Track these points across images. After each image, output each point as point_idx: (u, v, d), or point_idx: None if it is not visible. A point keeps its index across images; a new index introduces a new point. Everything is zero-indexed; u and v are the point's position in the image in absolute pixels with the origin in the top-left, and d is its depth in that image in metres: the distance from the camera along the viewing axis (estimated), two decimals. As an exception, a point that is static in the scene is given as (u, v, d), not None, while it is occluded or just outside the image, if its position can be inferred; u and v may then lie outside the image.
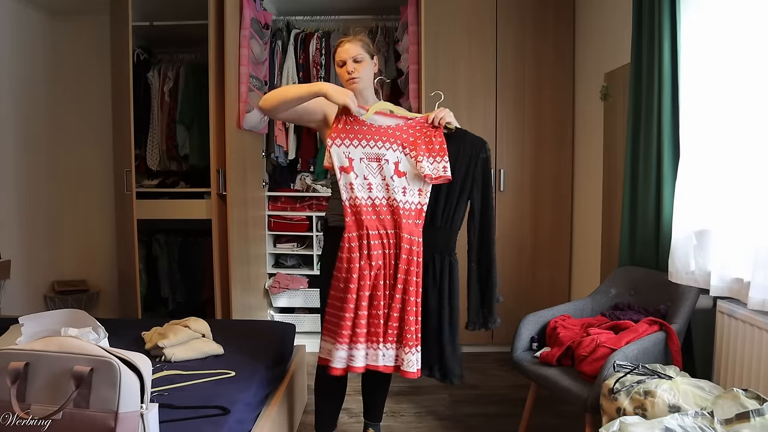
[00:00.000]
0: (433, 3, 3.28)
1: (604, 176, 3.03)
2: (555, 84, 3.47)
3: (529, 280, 3.54)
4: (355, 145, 1.87)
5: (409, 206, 1.90)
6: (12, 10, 3.45)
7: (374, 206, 1.88)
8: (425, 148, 1.89)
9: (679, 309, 2.07)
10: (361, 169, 1.88)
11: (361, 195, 1.87)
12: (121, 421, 1.26)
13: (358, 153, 1.87)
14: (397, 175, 1.89)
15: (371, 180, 1.88)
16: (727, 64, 1.98)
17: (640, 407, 1.62)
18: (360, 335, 1.84)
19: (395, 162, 1.89)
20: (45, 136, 3.76)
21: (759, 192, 1.85)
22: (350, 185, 1.87)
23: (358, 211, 1.86)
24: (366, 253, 1.85)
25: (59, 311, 2.03)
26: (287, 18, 3.80)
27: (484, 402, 2.82)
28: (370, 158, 1.88)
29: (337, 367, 1.84)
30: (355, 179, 1.87)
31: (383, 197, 1.89)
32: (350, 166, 1.87)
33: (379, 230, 1.88)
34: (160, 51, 3.79)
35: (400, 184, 1.89)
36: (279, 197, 3.84)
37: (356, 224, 1.87)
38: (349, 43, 1.99)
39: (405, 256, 1.87)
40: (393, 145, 1.90)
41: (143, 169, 3.68)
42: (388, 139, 1.90)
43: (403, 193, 1.89)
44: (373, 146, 1.88)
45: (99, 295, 3.94)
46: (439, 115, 1.92)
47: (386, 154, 1.89)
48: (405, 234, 1.87)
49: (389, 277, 1.88)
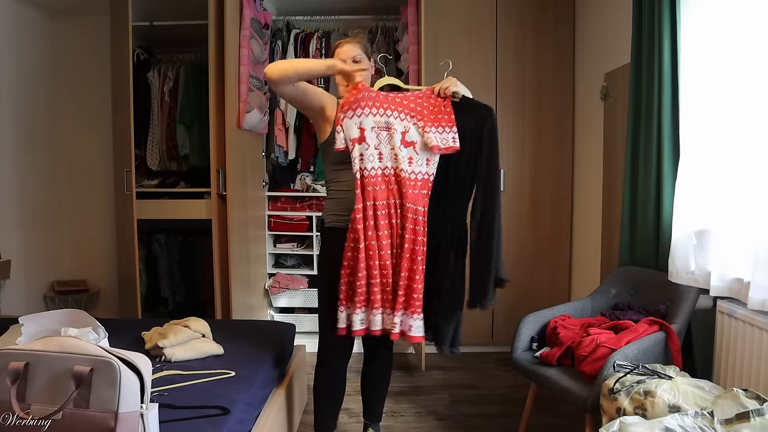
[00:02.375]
0: (433, 3, 3.28)
1: (604, 176, 3.03)
2: (555, 84, 3.47)
3: (529, 280, 3.54)
4: (366, 113, 1.88)
5: (415, 176, 1.90)
6: (11, 10, 3.45)
7: (384, 176, 1.89)
8: (433, 119, 1.91)
9: (679, 309, 2.07)
10: (372, 138, 1.88)
11: (371, 165, 1.88)
12: (121, 421, 1.26)
13: (369, 122, 1.88)
14: (404, 145, 1.89)
15: (382, 149, 1.89)
16: (727, 64, 1.98)
17: (640, 407, 1.62)
18: (375, 302, 1.86)
19: (402, 131, 1.90)
20: (45, 136, 3.76)
21: (759, 192, 1.85)
22: (361, 156, 1.87)
23: (365, 183, 1.86)
24: (373, 224, 1.86)
25: (59, 311, 2.03)
26: (287, 18, 3.80)
27: (484, 402, 2.82)
28: (380, 127, 1.89)
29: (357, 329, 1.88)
30: (366, 150, 1.88)
31: (392, 167, 1.89)
32: (362, 136, 1.88)
33: (387, 200, 1.88)
34: (160, 51, 3.79)
35: (406, 154, 1.89)
36: (279, 197, 3.84)
37: (363, 196, 1.87)
38: (349, 44, 2.02)
39: (411, 226, 1.87)
40: (401, 114, 1.91)
41: (143, 169, 3.68)
42: (396, 107, 1.91)
43: (409, 162, 1.89)
44: (383, 114, 1.89)
45: (99, 295, 3.94)
46: (445, 86, 1.92)
47: (395, 123, 1.90)
48: (410, 204, 1.87)
49: (396, 246, 1.89)
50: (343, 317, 1.90)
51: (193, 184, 3.59)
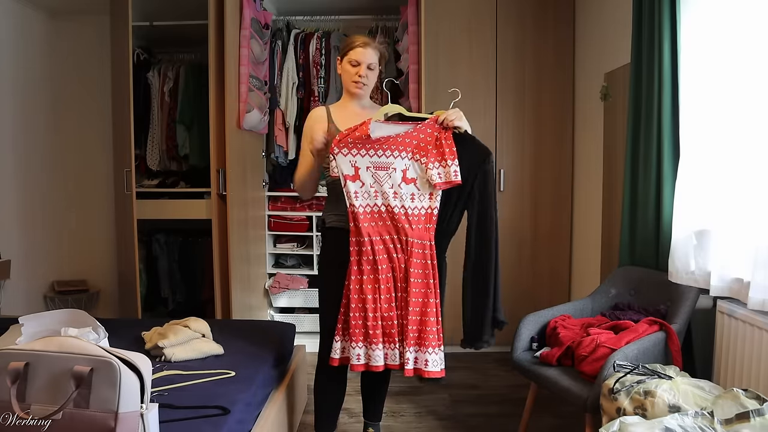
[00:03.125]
0: (433, 3, 3.28)
1: (604, 176, 3.03)
2: (555, 84, 3.47)
3: (529, 280, 3.54)
4: (363, 154, 1.88)
5: (419, 211, 1.91)
6: (11, 10, 3.45)
7: (380, 213, 1.90)
8: (435, 152, 1.89)
9: (679, 309, 2.07)
10: (367, 178, 1.88)
11: (365, 203, 1.89)
12: (121, 421, 1.26)
13: (365, 162, 1.88)
14: (405, 182, 1.90)
15: (377, 188, 1.89)
16: (727, 64, 1.98)
17: (640, 407, 1.62)
18: (374, 336, 1.86)
19: (403, 170, 1.90)
20: (45, 136, 3.76)
21: (759, 192, 1.85)
22: (355, 193, 1.88)
23: (357, 218, 1.88)
24: (370, 258, 1.87)
25: (59, 311, 2.03)
26: (287, 18, 3.80)
27: (484, 402, 2.82)
28: (377, 167, 1.89)
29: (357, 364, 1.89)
30: (361, 187, 1.88)
31: (393, 205, 1.89)
32: (356, 174, 1.88)
33: (382, 236, 1.89)
34: (160, 51, 3.79)
35: (408, 190, 1.90)
36: (279, 197, 3.84)
37: (356, 230, 1.88)
38: (370, 48, 1.98)
39: (419, 261, 1.89)
40: (402, 153, 1.90)
41: (143, 169, 3.68)
42: (396, 147, 1.89)
43: (411, 199, 1.90)
44: (381, 155, 1.89)
45: (99, 295, 3.94)
46: (451, 117, 1.89)
47: (394, 163, 1.89)
48: (416, 239, 1.89)
49: (400, 280, 1.89)
50: (338, 348, 1.91)
51: (193, 184, 3.59)
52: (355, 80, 1.99)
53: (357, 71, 1.98)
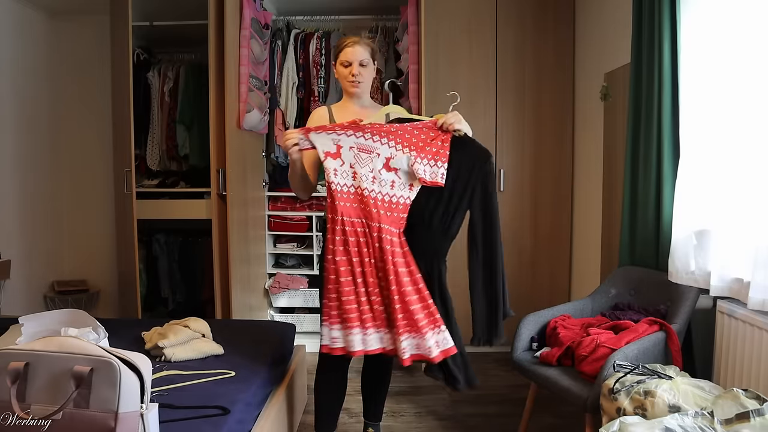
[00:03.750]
0: (433, 3, 3.28)
1: (604, 176, 3.03)
2: (555, 84, 3.47)
3: (529, 280, 3.54)
4: (348, 134, 1.89)
5: (396, 199, 1.90)
6: (11, 10, 3.45)
7: (357, 194, 1.89)
8: (428, 151, 1.89)
9: (679, 309, 2.07)
10: (348, 157, 1.89)
11: (344, 182, 1.89)
12: (121, 421, 1.26)
13: (349, 141, 1.89)
14: (386, 169, 1.89)
15: (357, 169, 1.89)
16: (727, 64, 1.98)
17: (640, 407, 1.62)
18: (349, 319, 1.84)
19: (387, 157, 1.89)
20: (45, 136, 3.76)
21: (759, 192, 1.85)
22: (335, 171, 1.88)
23: (334, 196, 1.88)
24: (343, 239, 1.86)
25: (59, 311, 2.03)
26: (287, 18, 3.80)
27: (484, 402, 2.82)
28: (361, 148, 1.89)
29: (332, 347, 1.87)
30: (340, 166, 1.89)
31: (368, 189, 1.89)
32: (338, 152, 1.89)
33: (360, 218, 1.88)
34: (160, 51, 3.79)
35: (388, 177, 1.89)
36: (279, 197, 3.84)
37: (332, 208, 1.88)
38: (358, 45, 1.99)
39: (388, 247, 1.86)
40: (390, 141, 1.90)
41: (143, 169, 3.68)
42: (387, 135, 1.90)
43: (391, 186, 1.89)
44: (368, 138, 1.89)
45: (99, 295, 3.94)
46: (449, 120, 1.89)
47: (379, 148, 1.89)
48: (385, 225, 1.87)
49: (375, 266, 1.88)
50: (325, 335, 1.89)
51: (193, 184, 3.59)
52: (350, 80, 2.01)
53: (350, 71, 2.00)
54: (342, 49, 2.01)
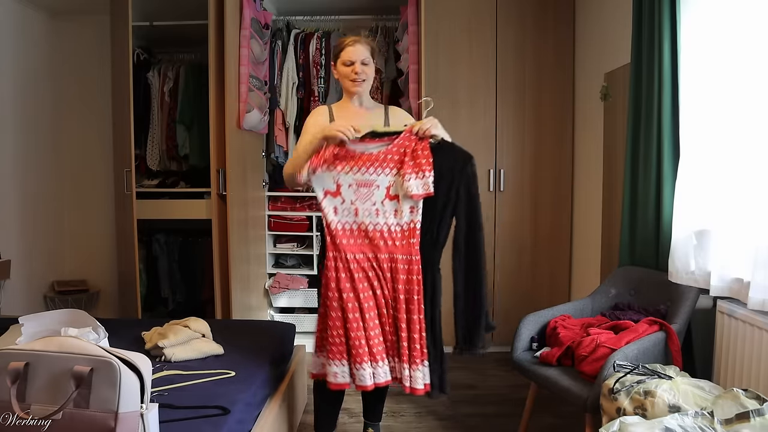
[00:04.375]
0: (433, 3, 3.28)
1: (604, 176, 3.03)
2: (555, 84, 3.47)
3: (529, 280, 3.54)
4: (346, 171, 1.88)
5: (400, 227, 1.90)
6: (12, 11, 3.45)
7: (358, 230, 1.90)
8: (413, 164, 1.87)
9: (679, 309, 2.07)
10: (349, 194, 1.89)
11: (345, 219, 1.90)
12: (121, 421, 1.26)
13: (348, 179, 1.88)
14: (389, 198, 1.89)
15: (359, 205, 1.89)
16: (727, 64, 1.98)
17: (640, 407, 1.62)
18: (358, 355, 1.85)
19: (387, 186, 1.89)
20: (45, 136, 3.76)
21: (759, 192, 1.85)
22: (335, 209, 1.89)
23: (334, 235, 1.89)
24: (347, 276, 1.87)
25: (59, 311, 2.03)
26: (287, 18, 3.80)
27: (483, 402, 2.82)
28: (360, 184, 1.89)
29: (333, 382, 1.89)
30: (341, 204, 1.89)
31: (372, 222, 1.89)
32: (338, 191, 1.89)
33: (364, 254, 1.89)
34: (160, 51, 3.79)
35: (391, 207, 1.89)
36: (279, 197, 3.84)
37: (334, 246, 1.89)
38: (359, 44, 1.99)
39: (404, 276, 1.88)
40: (385, 170, 1.89)
41: (143, 169, 3.68)
42: (380, 164, 1.89)
43: (394, 215, 1.89)
44: (365, 173, 1.88)
45: (99, 295, 3.94)
46: (425, 127, 1.86)
47: (377, 180, 1.89)
48: (399, 255, 1.89)
49: (386, 297, 1.90)
50: (318, 363, 1.96)
51: (193, 184, 3.59)
52: (353, 78, 2.00)
53: (352, 69, 1.99)
54: (343, 48, 2.00)
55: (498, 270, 3.53)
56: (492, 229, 3.51)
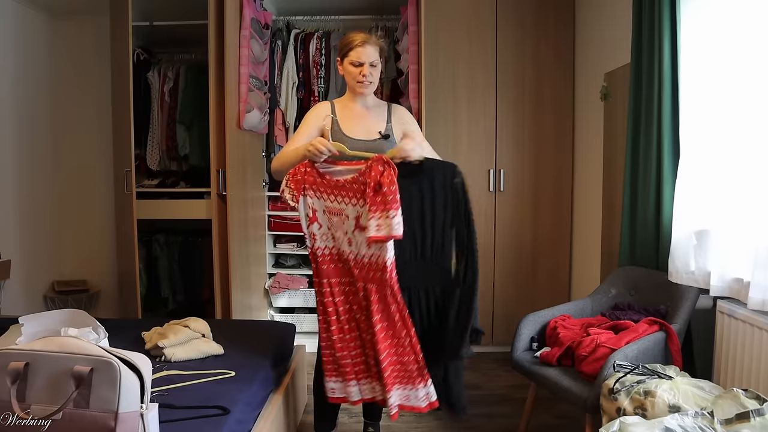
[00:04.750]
0: (433, 3, 3.28)
1: (604, 176, 3.03)
2: (555, 84, 3.47)
3: (529, 280, 3.54)
4: (318, 197, 1.88)
5: (375, 259, 1.83)
6: (12, 11, 3.45)
7: (338, 256, 1.90)
8: (379, 201, 1.75)
9: (679, 309, 2.07)
10: (324, 220, 1.90)
11: (324, 245, 1.91)
12: (121, 421, 1.26)
13: (320, 205, 1.88)
14: (359, 230, 1.84)
15: (334, 232, 1.89)
16: (727, 64, 1.98)
17: (640, 407, 1.62)
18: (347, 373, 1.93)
19: (356, 216, 1.84)
20: (45, 136, 3.76)
21: (759, 192, 1.85)
22: (313, 235, 1.90)
23: (317, 260, 1.91)
24: (330, 300, 1.90)
25: (59, 311, 2.03)
26: (287, 18, 3.80)
27: (484, 402, 2.82)
28: (331, 212, 1.88)
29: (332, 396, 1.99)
30: (318, 229, 1.90)
31: (348, 251, 1.87)
32: (314, 216, 1.89)
33: (343, 278, 1.90)
34: (160, 51, 3.79)
35: (362, 238, 1.83)
36: (279, 197, 3.83)
37: (317, 271, 1.92)
38: (369, 45, 1.96)
39: (376, 306, 1.84)
40: (353, 200, 1.84)
41: (143, 169, 3.68)
42: (347, 194, 1.84)
43: (367, 246, 1.83)
44: (333, 201, 1.87)
45: (99, 295, 3.94)
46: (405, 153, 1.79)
47: (346, 209, 1.85)
48: (372, 285, 1.85)
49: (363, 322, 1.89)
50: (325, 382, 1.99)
51: (193, 184, 3.59)
52: (360, 80, 1.97)
53: (360, 71, 1.96)
54: (353, 48, 1.96)
55: (498, 270, 3.53)
56: (492, 229, 3.52)
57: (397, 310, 1.85)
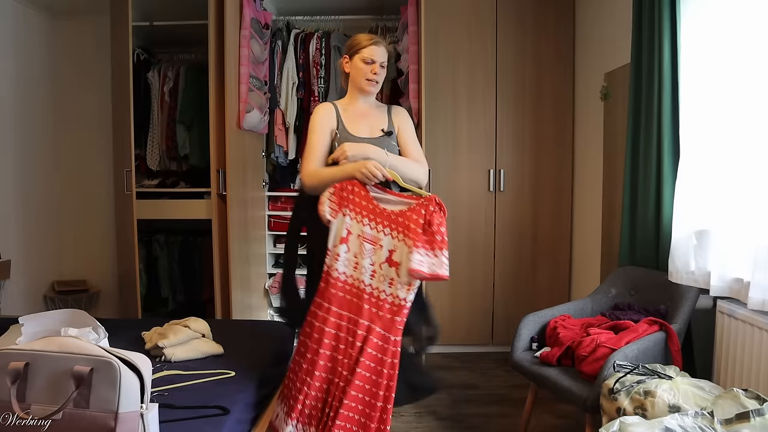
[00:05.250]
0: (433, 3, 3.28)
1: (604, 176, 3.03)
2: (555, 84, 3.47)
3: (529, 280, 3.54)
4: (358, 220, 1.80)
5: (392, 300, 1.75)
6: (12, 11, 3.45)
7: (351, 286, 1.78)
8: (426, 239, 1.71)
9: (679, 309, 2.07)
10: (354, 246, 1.79)
11: (342, 269, 1.79)
12: (121, 421, 1.26)
13: (357, 229, 1.80)
14: (389, 264, 1.76)
15: (360, 260, 1.79)
16: (727, 64, 1.98)
17: (640, 407, 1.62)
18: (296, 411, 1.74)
19: (390, 249, 1.77)
20: (45, 136, 3.76)
21: (759, 192, 1.85)
22: (336, 255, 1.79)
23: (329, 282, 1.79)
24: (321, 327, 1.77)
25: (59, 311, 2.03)
26: (287, 18, 3.80)
27: (484, 402, 2.82)
28: (365, 238, 1.79)
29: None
30: (345, 252, 1.79)
31: (367, 283, 1.77)
32: (347, 238, 1.80)
33: (342, 310, 1.77)
34: (160, 51, 3.79)
35: (388, 273, 1.76)
36: (279, 197, 3.84)
37: (321, 292, 1.81)
38: (382, 46, 1.98)
39: (373, 352, 1.71)
40: (393, 232, 1.78)
41: (143, 169, 3.67)
42: (389, 224, 1.79)
43: (389, 284, 1.75)
44: (373, 227, 1.79)
45: (99, 295, 3.94)
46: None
47: (383, 240, 1.78)
48: (377, 328, 1.73)
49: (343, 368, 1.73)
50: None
51: (193, 184, 3.59)
52: (369, 78, 1.98)
53: (372, 69, 1.97)
54: (366, 46, 1.97)
55: (498, 270, 3.53)
56: (492, 229, 3.52)
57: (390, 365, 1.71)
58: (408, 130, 2.09)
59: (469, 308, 3.49)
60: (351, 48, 2.02)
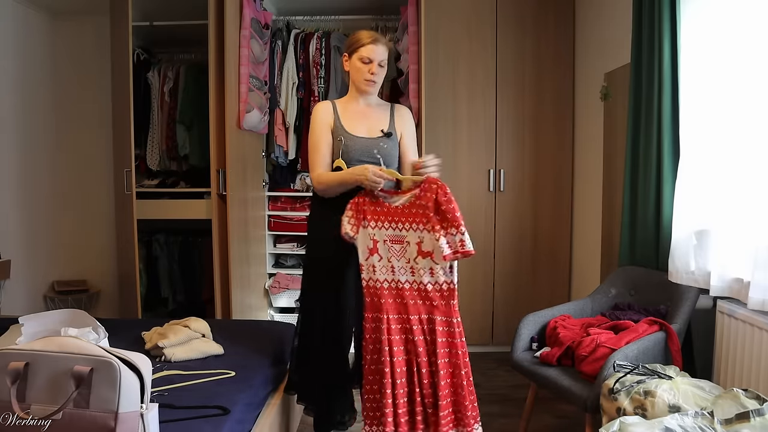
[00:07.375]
0: (433, 3, 3.28)
1: (604, 176, 3.03)
2: (555, 84, 3.47)
3: (529, 280, 3.54)
4: (380, 227, 1.85)
5: (440, 286, 1.83)
6: (12, 11, 3.45)
7: (398, 289, 1.85)
8: (439, 219, 1.80)
9: (679, 309, 2.07)
10: (384, 251, 1.86)
11: (383, 277, 1.86)
12: (121, 421, 1.26)
13: (382, 235, 1.86)
14: (422, 256, 1.83)
15: (394, 263, 1.85)
16: (727, 64, 1.98)
17: (640, 407, 1.62)
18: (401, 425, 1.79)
19: (417, 242, 1.83)
20: (45, 136, 3.76)
21: (759, 192, 1.85)
22: (372, 267, 1.86)
23: (377, 293, 1.85)
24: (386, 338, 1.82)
25: (59, 311, 2.04)
26: (287, 18, 3.80)
27: (484, 402, 2.81)
28: (393, 240, 1.85)
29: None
30: (379, 261, 1.86)
31: (408, 280, 1.85)
32: (375, 247, 1.86)
33: (399, 314, 1.84)
34: (160, 51, 3.79)
35: (425, 265, 1.83)
36: (279, 197, 3.84)
37: (374, 306, 1.86)
38: (380, 44, 1.97)
39: (443, 339, 1.81)
40: (413, 225, 1.84)
41: (143, 169, 3.68)
42: (407, 219, 1.84)
43: (430, 273, 1.83)
44: (395, 228, 1.85)
45: (99, 295, 3.94)
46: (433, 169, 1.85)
47: (407, 236, 1.84)
48: (438, 317, 1.82)
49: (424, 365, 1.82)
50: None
51: (193, 184, 3.59)
52: (368, 78, 1.97)
53: (369, 69, 1.96)
54: (364, 45, 1.96)
55: (498, 270, 3.53)
56: (492, 229, 3.52)
57: (461, 345, 1.82)
58: (410, 135, 2.10)
59: (469, 308, 3.49)
60: (350, 46, 2.01)
